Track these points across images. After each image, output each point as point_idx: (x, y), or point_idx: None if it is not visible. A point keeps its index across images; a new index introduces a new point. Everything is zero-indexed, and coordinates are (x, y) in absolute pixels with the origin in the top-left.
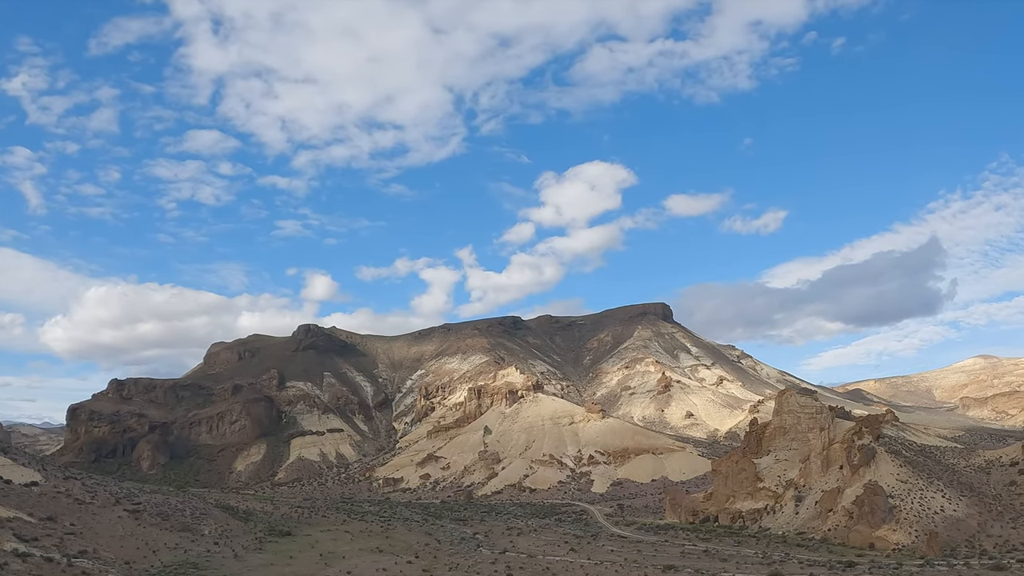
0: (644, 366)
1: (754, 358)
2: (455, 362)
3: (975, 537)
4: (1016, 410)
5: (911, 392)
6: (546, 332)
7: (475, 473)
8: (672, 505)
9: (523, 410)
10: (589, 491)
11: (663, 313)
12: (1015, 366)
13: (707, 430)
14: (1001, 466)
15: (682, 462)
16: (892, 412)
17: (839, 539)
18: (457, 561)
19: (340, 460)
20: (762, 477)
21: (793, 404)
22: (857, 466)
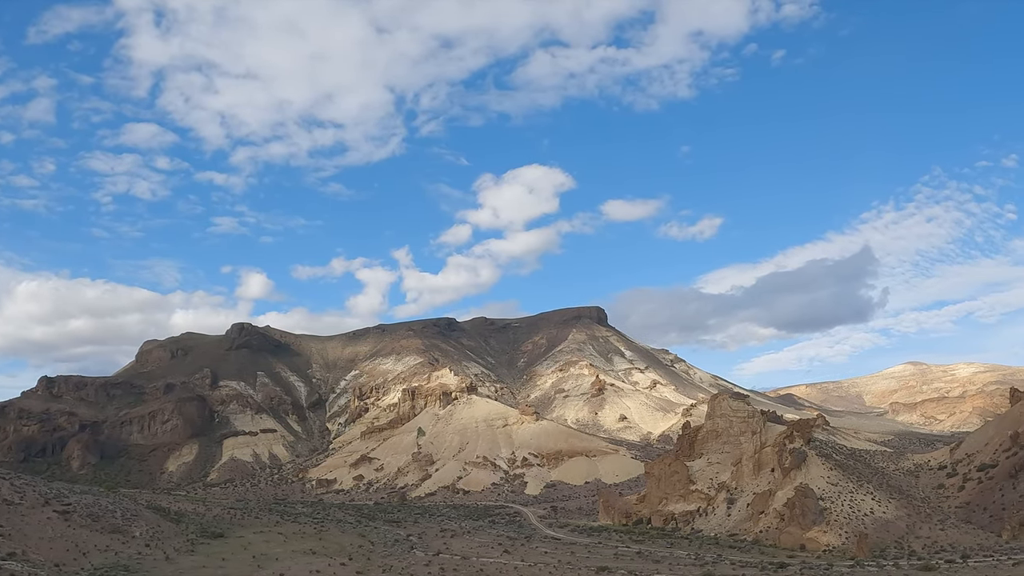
0: (578, 369)
1: (687, 362)
2: (389, 363)
3: (904, 538)
4: (944, 415)
5: (842, 397)
6: (481, 334)
7: (409, 475)
8: (605, 507)
9: (457, 412)
10: (523, 493)
11: (598, 317)
12: (944, 373)
13: (640, 433)
14: (930, 470)
15: (615, 465)
16: (823, 416)
17: (771, 541)
18: (391, 563)
19: (273, 461)
20: (695, 480)
21: (725, 408)
22: (788, 469)
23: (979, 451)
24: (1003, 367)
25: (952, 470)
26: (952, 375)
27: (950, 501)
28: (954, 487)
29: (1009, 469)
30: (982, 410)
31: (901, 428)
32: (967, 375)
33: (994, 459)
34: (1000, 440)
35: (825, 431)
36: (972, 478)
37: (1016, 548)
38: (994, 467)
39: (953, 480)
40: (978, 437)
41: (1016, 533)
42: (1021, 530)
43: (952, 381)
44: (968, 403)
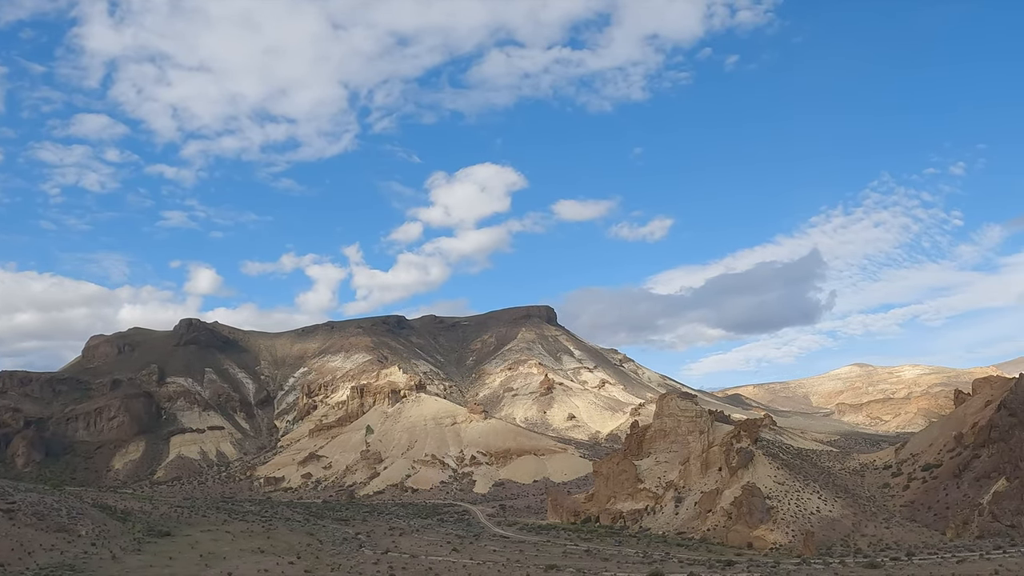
0: (527, 368)
1: (636, 362)
2: (338, 360)
3: (850, 536)
4: (889, 416)
5: (789, 398)
6: (430, 332)
7: (357, 473)
8: (554, 506)
9: (406, 410)
10: (471, 491)
11: (547, 316)
12: (889, 374)
13: (589, 432)
14: (875, 469)
15: (564, 463)
16: (770, 416)
17: (718, 539)
18: (339, 562)
19: (221, 459)
20: (643, 478)
21: (674, 408)
22: (735, 468)
23: (924, 451)
24: (948, 369)
25: (897, 470)
26: (898, 377)
27: (895, 500)
28: (899, 486)
29: (953, 469)
30: (927, 411)
31: (847, 428)
32: (912, 377)
33: (938, 459)
34: (944, 441)
35: (772, 431)
36: (917, 478)
37: (960, 546)
38: (938, 467)
39: (898, 479)
40: (923, 438)
41: (960, 531)
42: (965, 528)
43: (897, 383)
44: (913, 404)
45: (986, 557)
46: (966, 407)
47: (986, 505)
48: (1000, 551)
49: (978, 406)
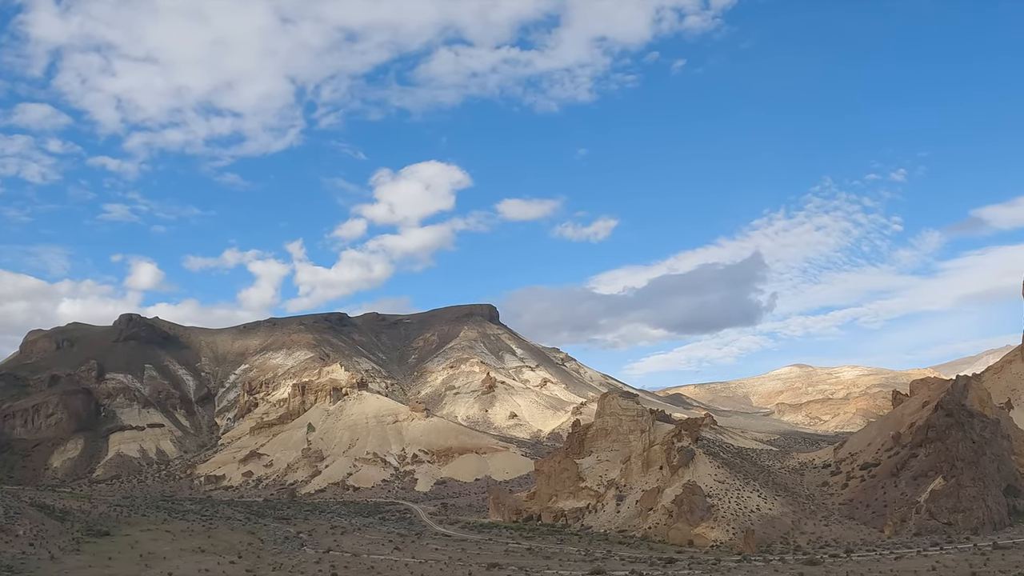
0: (469, 366)
1: (578, 361)
2: (280, 357)
3: (790, 534)
4: (828, 416)
5: (729, 397)
6: (372, 330)
7: (298, 471)
8: (496, 504)
9: (347, 408)
10: (413, 490)
11: (490, 314)
12: (828, 375)
13: (530, 431)
14: (814, 468)
15: (505, 462)
16: (711, 416)
17: (659, 536)
18: (281, 561)
19: (161, 457)
20: (584, 477)
21: (615, 407)
22: (676, 467)
23: (862, 450)
24: (886, 371)
25: (836, 468)
26: (837, 377)
27: (834, 498)
28: (838, 485)
29: (891, 468)
30: (865, 411)
31: (787, 428)
32: (851, 378)
33: (876, 458)
34: (882, 440)
35: (713, 430)
36: (855, 476)
37: (898, 543)
38: (876, 466)
39: (837, 478)
40: (861, 437)
41: (898, 529)
42: (903, 526)
43: (837, 383)
44: (852, 405)
45: (924, 554)
46: (904, 407)
47: (923, 503)
48: (937, 548)
49: (916, 407)
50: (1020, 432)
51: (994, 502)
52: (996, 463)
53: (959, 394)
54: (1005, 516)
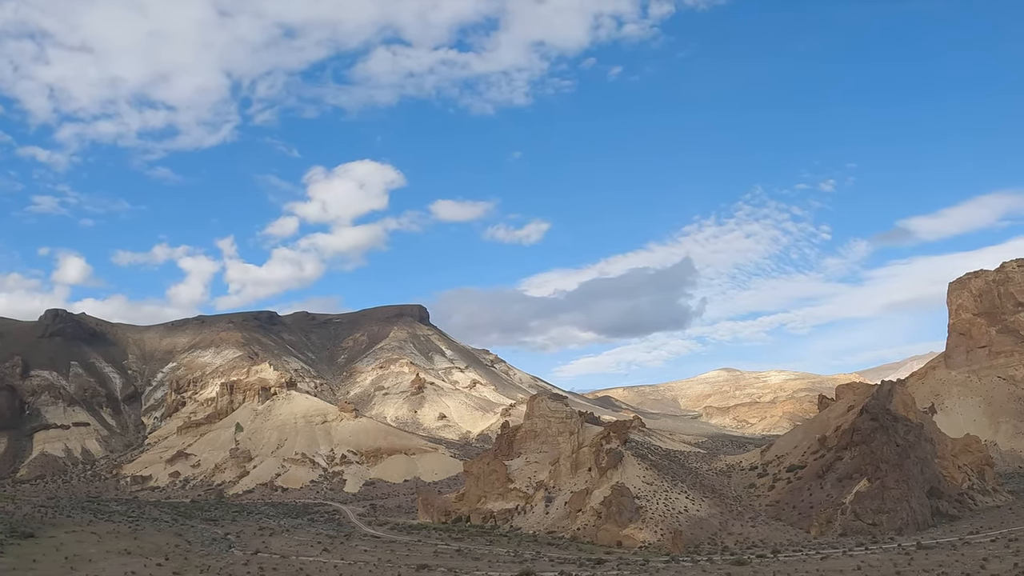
0: (399, 367)
1: (508, 363)
2: (208, 356)
3: (717, 535)
4: (756, 419)
5: (658, 400)
6: (302, 329)
7: (226, 471)
8: (424, 505)
9: (276, 407)
10: (342, 491)
11: (420, 315)
12: (756, 379)
13: (459, 432)
14: (741, 470)
15: (434, 463)
16: (639, 418)
17: (588, 538)
18: (208, 563)
19: (86, 456)
20: (513, 478)
21: (544, 409)
22: (605, 468)
23: (788, 453)
24: (812, 375)
25: (763, 471)
26: (764, 382)
27: (761, 500)
28: (765, 486)
29: (817, 470)
30: (792, 415)
31: (714, 431)
32: (778, 382)
33: (803, 461)
34: (808, 443)
35: (641, 432)
36: (782, 478)
37: (824, 543)
38: (803, 468)
39: (764, 480)
40: (788, 440)
41: (824, 529)
42: (828, 526)
43: (764, 387)
44: (779, 408)
45: (849, 554)
46: (830, 411)
47: (848, 504)
48: (862, 548)
49: (841, 411)
50: (943, 436)
51: (918, 503)
52: (920, 466)
53: (884, 399)
54: (928, 517)
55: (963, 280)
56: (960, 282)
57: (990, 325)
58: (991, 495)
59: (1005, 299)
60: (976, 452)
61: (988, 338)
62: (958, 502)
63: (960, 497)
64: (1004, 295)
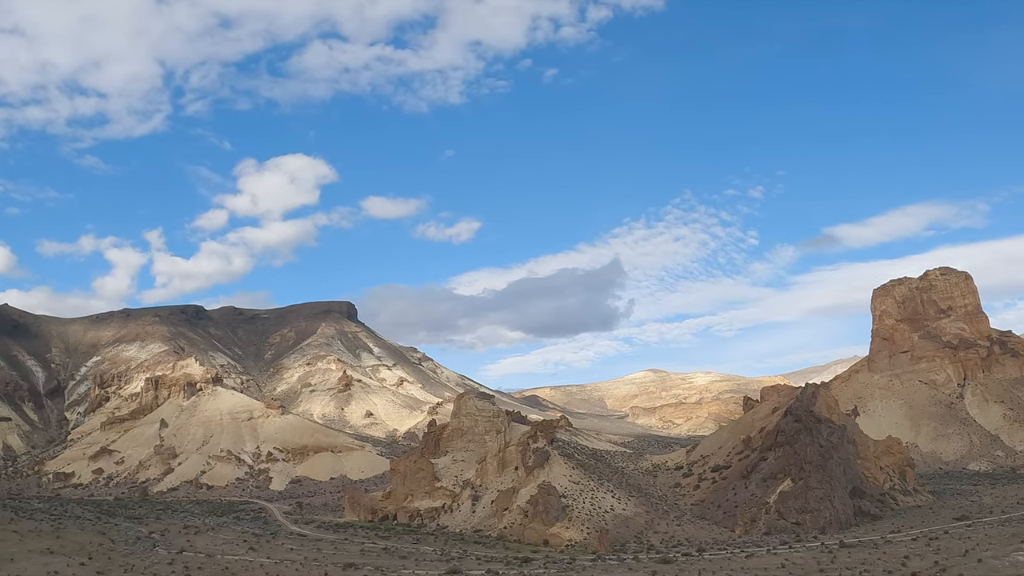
0: (326, 364)
1: (435, 361)
2: (133, 350)
3: (643, 534)
4: (681, 420)
5: (585, 400)
6: (229, 324)
7: (151, 468)
8: (351, 503)
9: (201, 403)
10: (268, 488)
11: (348, 312)
12: (682, 380)
13: (386, 430)
14: (667, 470)
15: (361, 461)
16: (566, 418)
17: (515, 536)
18: (133, 562)
19: (7, 452)
20: (440, 477)
21: (471, 407)
22: (532, 467)
23: (714, 453)
24: (737, 377)
25: (688, 470)
26: (690, 383)
27: (686, 499)
28: (690, 486)
29: (741, 470)
30: (717, 416)
31: (641, 431)
32: (704, 383)
33: (727, 461)
34: (733, 444)
35: (568, 432)
36: (707, 478)
37: (748, 542)
38: (727, 468)
39: (689, 480)
40: (713, 440)
41: (748, 528)
42: (753, 525)
43: (690, 388)
44: (704, 409)
45: (773, 552)
46: (754, 413)
47: (772, 504)
48: (786, 546)
49: (766, 412)
50: (866, 437)
51: (840, 503)
52: (842, 466)
53: (808, 401)
54: (851, 516)
55: (887, 287)
56: (884, 289)
57: (913, 331)
58: (912, 495)
59: (928, 306)
60: (897, 453)
61: (910, 343)
62: (880, 502)
63: (882, 497)
64: (927, 302)
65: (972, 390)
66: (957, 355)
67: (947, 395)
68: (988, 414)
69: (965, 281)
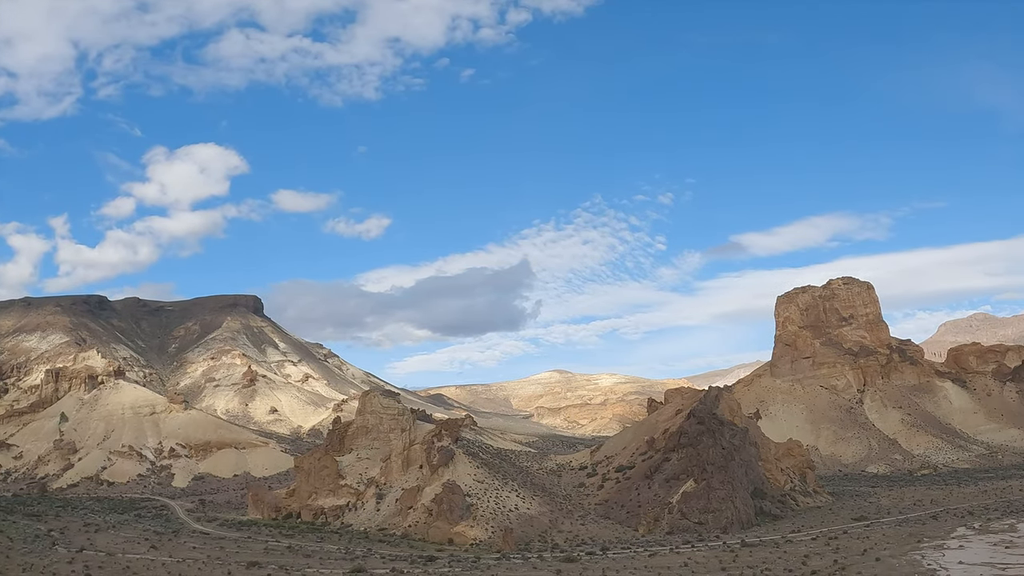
0: (230, 358)
1: (341, 358)
2: (34, 340)
3: (547, 532)
4: (586, 420)
5: (490, 399)
6: (133, 315)
7: (50, 464)
8: (255, 501)
9: (103, 397)
10: (170, 485)
11: (254, 306)
12: (587, 381)
13: (291, 426)
14: (571, 470)
15: (265, 458)
16: (471, 417)
17: (419, 535)
18: (31, 561)
19: None
20: (344, 475)
21: (376, 405)
22: (436, 466)
23: (618, 454)
24: (642, 379)
25: (592, 470)
26: (595, 384)
27: (590, 499)
28: (594, 486)
29: (645, 471)
30: (621, 417)
31: (545, 431)
32: (609, 385)
33: (631, 461)
34: (637, 444)
35: (473, 431)
36: (611, 478)
37: (651, 541)
38: (631, 468)
39: (593, 480)
40: (617, 441)
41: (651, 528)
42: (656, 525)
43: (595, 390)
44: (609, 410)
45: (676, 551)
46: (658, 414)
47: (675, 504)
48: (689, 546)
49: (669, 414)
50: (767, 440)
51: (742, 503)
52: (744, 468)
53: (711, 403)
54: (752, 516)
55: (791, 294)
56: (788, 296)
57: (815, 337)
58: (812, 496)
59: (830, 314)
60: (798, 456)
61: (812, 349)
62: (781, 503)
63: (783, 498)
64: (829, 310)
65: (871, 396)
66: (857, 362)
67: (847, 400)
68: (886, 419)
69: (867, 291)
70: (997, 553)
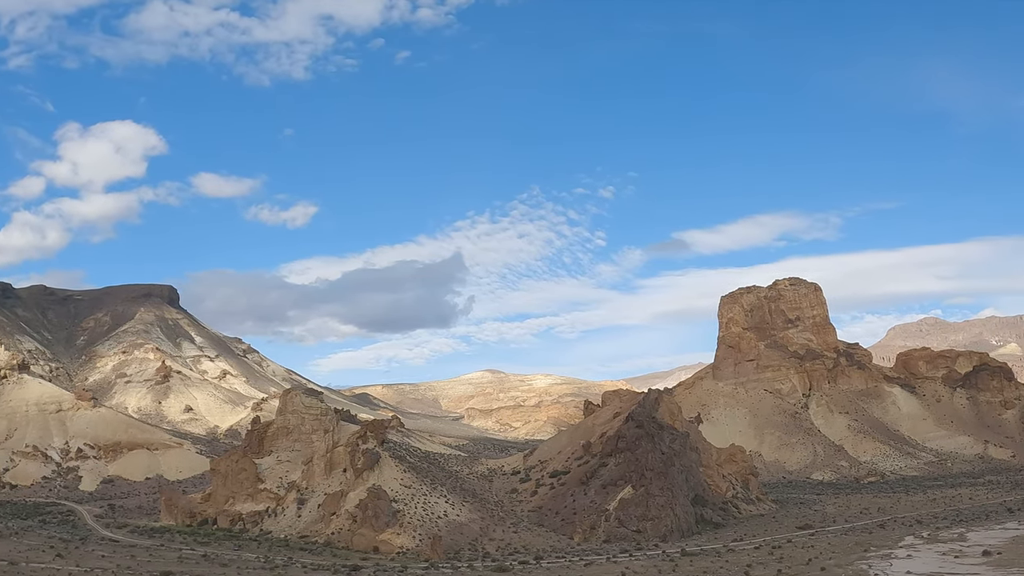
0: (143, 352)
1: (261, 354)
2: None
3: (478, 540)
4: (519, 423)
5: (418, 400)
6: (39, 305)
7: None
8: (168, 506)
9: (6, 392)
10: (77, 489)
11: (170, 297)
12: (521, 382)
13: (207, 426)
14: (503, 474)
15: (179, 460)
16: (398, 418)
17: (343, 543)
18: None
19: None
20: (263, 478)
21: (298, 404)
22: (361, 470)
23: (552, 458)
24: (578, 380)
25: (526, 476)
26: (529, 385)
27: (523, 505)
28: (527, 492)
29: (580, 476)
30: (557, 420)
31: (476, 434)
32: (544, 386)
33: (566, 466)
34: (573, 449)
35: (400, 433)
36: (545, 484)
37: (587, 550)
38: (566, 474)
39: (526, 485)
40: (552, 445)
41: (587, 536)
42: (592, 533)
43: (529, 391)
44: (543, 412)
45: (613, 560)
46: (595, 417)
47: (612, 511)
48: (626, 554)
49: (607, 417)
50: (709, 445)
51: (682, 511)
52: (684, 474)
53: (650, 406)
54: (693, 524)
55: (735, 295)
56: (732, 296)
57: (759, 339)
58: (755, 504)
59: (775, 315)
60: (741, 462)
61: (756, 352)
62: (722, 510)
63: (724, 505)
64: (775, 311)
65: (817, 400)
66: (803, 365)
67: (792, 405)
68: (832, 424)
69: (814, 292)
70: (946, 563)
